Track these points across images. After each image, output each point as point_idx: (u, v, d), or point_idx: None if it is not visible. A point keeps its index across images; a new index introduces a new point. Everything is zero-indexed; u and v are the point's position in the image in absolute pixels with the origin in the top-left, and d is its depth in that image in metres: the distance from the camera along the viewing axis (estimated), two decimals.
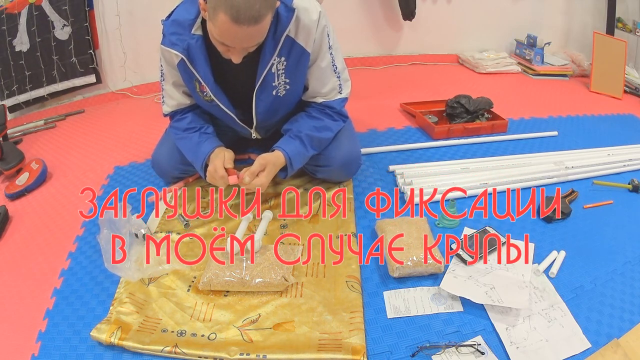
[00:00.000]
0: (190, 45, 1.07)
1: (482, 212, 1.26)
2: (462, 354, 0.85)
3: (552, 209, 1.21)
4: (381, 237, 1.10)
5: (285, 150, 1.14)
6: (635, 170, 1.51)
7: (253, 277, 0.98)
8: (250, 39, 0.96)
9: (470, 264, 1.04)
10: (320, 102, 1.22)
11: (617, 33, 2.53)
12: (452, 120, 1.82)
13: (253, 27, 0.91)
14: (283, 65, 1.11)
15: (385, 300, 0.98)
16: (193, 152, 1.19)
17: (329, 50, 1.16)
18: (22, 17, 2.01)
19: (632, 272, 1.06)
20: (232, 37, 0.93)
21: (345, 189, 1.32)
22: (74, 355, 0.87)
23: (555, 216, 1.21)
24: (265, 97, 1.17)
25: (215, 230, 1.19)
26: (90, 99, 2.27)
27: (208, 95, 1.16)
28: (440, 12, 2.63)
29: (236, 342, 0.87)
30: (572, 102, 2.16)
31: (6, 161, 1.55)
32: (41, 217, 1.35)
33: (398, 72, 2.60)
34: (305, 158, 1.20)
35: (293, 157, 1.15)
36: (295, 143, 1.17)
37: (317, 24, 1.09)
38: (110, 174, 1.54)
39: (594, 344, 0.87)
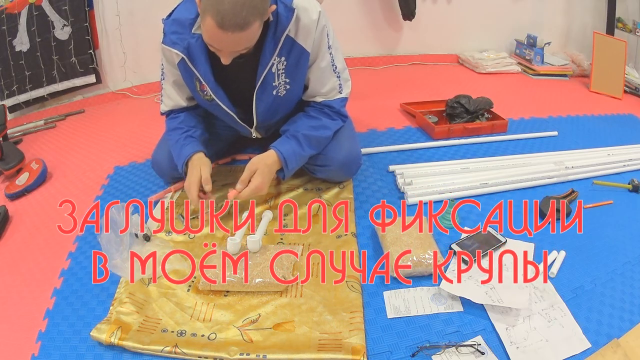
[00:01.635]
0: (190, 45, 1.07)
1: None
2: (462, 354, 0.85)
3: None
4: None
5: (279, 150, 1.14)
6: (635, 170, 1.50)
7: (253, 277, 0.98)
8: (236, 45, 0.96)
9: (465, 272, 1.02)
10: (319, 101, 1.22)
11: (617, 33, 2.53)
12: (452, 120, 1.82)
13: (238, 34, 0.92)
14: (283, 65, 1.12)
15: (385, 300, 0.98)
16: (176, 153, 1.20)
17: (328, 50, 1.16)
18: (22, 17, 2.01)
19: (632, 272, 1.06)
20: (218, 41, 0.95)
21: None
22: (74, 355, 0.87)
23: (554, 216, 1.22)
24: (265, 97, 1.17)
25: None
26: (90, 99, 2.27)
27: (208, 95, 1.16)
28: (440, 12, 2.63)
29: (236, 342, 0.87)
30: (572, 102, 2.16)
31: (6, 161, 1.56)
32: (41, 217, 1.35)
33: (398, 72, 2.60)
34: (302, 158, 1.20)
35: (288, 156, 1.15)
36: (291, 143, 1.16)
37: (317, 23, 1.09)
38: (110, 174, 1.54)
39: (594, 344, 0.87)
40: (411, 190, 1.33)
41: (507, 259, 1.06)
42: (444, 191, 1.34)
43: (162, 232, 1.18)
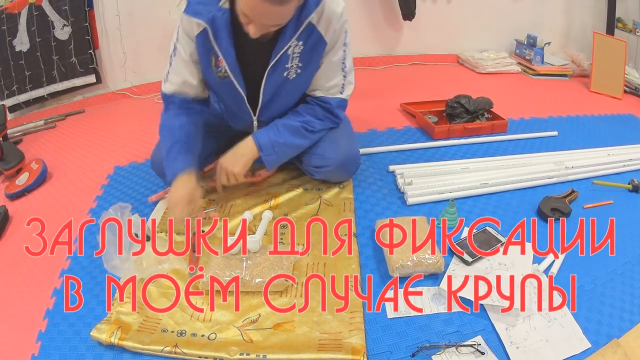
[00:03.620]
0: (215, 17, 1.07)
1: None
2: (462, 354, 0.85)
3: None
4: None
5: (255, 135, 1.19)
6: (635, 170, 1.51)
7: (253, 277, 0.98)
8: (271, 18, 0.97)
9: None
10: (317, 96, 1.23)
11: (617, 33, 2.53)
12: (452, 120, 1.82)
13: (278, 8, 0.93)
14: (299, 49, 1.13)
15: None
16: (168, 162, 1.15)
17: (343, 46, 1.19)
18: (22, 17, 2.01)
19: (632, 272, 1.06)
20: (255, 10, 0.94)
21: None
22: (74, 355, 0.87)
23: (554, 216, 1.22)
24: (276, 77, 1.17)
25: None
26: (90, 99, 2.27)
27: (223, 71, 1.15)
28: (440, 12, 2.63)
29: (236, 342, 0.87)
30: (572, 102, 2.16)
31: (6, 161, 1.55)
32: (41, 217, 1.35)
33: (398, 72, 2.60)
34: (281, 145, 1.20)
35: (261, 138, 1.19)
36: (268, 129, 1.21)
37: (340, 17, 1.13)
38: (110, 174, 1.54)
39: (594, 344, 0.87)
40: (411, 190, 1.33)
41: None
42: (444, 191, 1.34)
43: (162, 232, 1.18)
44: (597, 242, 1.15)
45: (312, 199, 1.30)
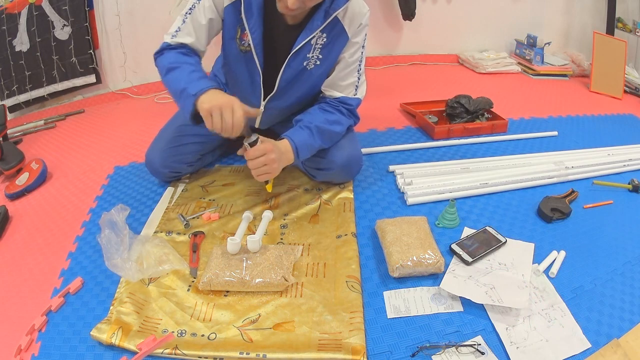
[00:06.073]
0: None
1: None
2: (462, 354, 0.85)
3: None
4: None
5: (292, 139, 1.14)
6: (635, 170, 1.51)
7: (253, 277, 0.98)
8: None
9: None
10: (336, 96, 1.24)
11: (617, 33, 2.53)
12: (452, 120, 1.82)
13: None
14: (322, 41, 1.16)
15: (385, 300, 0.98)
16: (191, 82, 1.03)
17: (361, 47, 1.22)
18: (22, 17, 2.01)
19: (632, 272, 1.06)
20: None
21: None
22: (74, 355, 0.87)
23: (554, 216, 1.22)
24: (296, 64, 1.18)
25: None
26: (90, 99, 2.27)
27: (246, 44, 1.15)
28: (440, 12, 2.63)
29: (236, 342, 0.87)
30: (572, 102, 2.16)
31: (6, 161, 1.55)
32: (41, 217, 1.35)
33: (398, 72, 2.60)
34: (312, 149, 1.20)
35: (300, 146, 1.14)
36: (304, 133, 1.16)
37: (364, 17, 1.18)
38: (110, 174, 1.54)
39: (594, 344, 0.87)
40: (411, 190, 1.33)
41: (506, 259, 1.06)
42: (444, 191, 1.34)
43: (162, 232, 1.18)
44: (597, 242, 1.15)
45: (312, 199, 1.30)
